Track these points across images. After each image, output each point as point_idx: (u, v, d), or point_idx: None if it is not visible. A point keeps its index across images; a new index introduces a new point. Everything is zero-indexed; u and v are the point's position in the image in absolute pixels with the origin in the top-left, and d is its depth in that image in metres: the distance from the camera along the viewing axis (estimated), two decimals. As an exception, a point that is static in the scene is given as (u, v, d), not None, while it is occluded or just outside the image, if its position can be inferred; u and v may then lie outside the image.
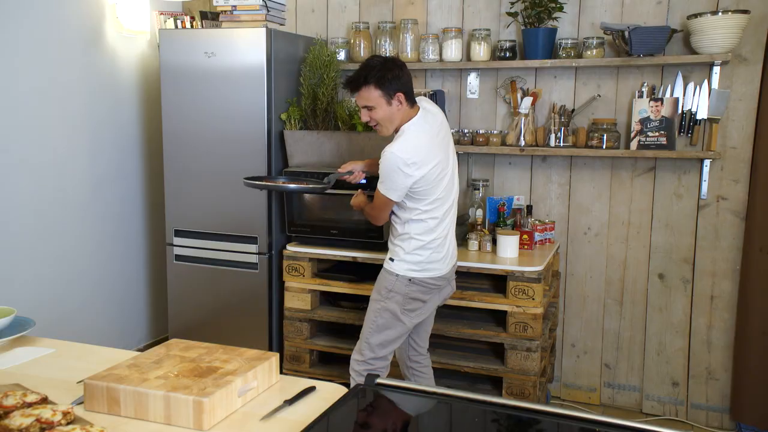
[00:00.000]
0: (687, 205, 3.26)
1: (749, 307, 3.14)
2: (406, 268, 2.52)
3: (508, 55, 3.36)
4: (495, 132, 3.43)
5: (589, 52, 3.20)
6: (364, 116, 2.44)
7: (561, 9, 3.23)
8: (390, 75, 2.36)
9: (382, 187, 2.43)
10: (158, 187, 3.78)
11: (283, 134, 3.34)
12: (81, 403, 1.48)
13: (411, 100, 2.45)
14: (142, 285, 3.89)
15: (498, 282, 3.03)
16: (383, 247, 3.07)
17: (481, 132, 3.44)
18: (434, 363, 3.03)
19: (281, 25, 3.46)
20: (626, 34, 3.07)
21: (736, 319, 3.22)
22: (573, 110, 3.36)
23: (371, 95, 2.37)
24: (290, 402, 1.51)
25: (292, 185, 2.81)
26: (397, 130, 2.46)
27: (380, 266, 3.05)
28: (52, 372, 1.69)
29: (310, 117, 3.40)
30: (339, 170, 2.65)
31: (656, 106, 3.13)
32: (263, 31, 3.18)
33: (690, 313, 3.32)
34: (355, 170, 2.64)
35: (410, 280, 2.52)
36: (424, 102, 2.55)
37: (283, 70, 3.35)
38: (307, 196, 3.29)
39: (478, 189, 3.41)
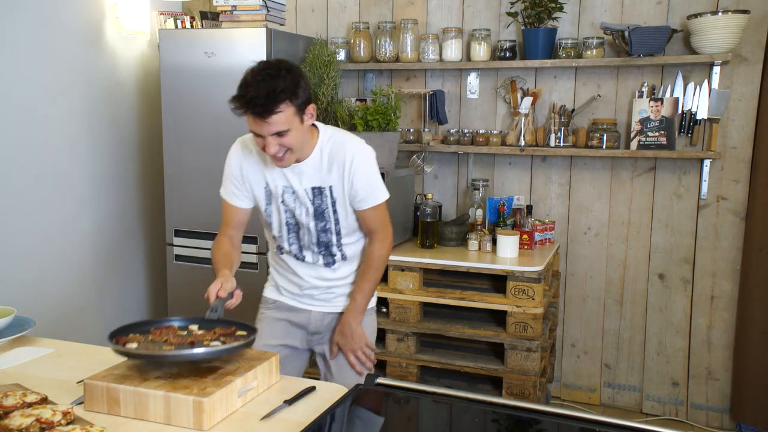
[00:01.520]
0: (687, 205, 3.26)
1: (749, 307, 3.14)
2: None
3: (508, 55, 3.36)
4: (495, 132, 3.43)
5: (589, 52, 3.20)
6: (273, 147, 1.78)
7: (561, 9, 3.23)
8: (303, 83, 1.79)
9: (381, 191, 1.99)
10: (158, 187, 3.78)
11: (283, 134, 3.34)
12: (81, 403, 1.48)
13: None
14: (142, 285, 3.89)
15: (498, 282, 3.03)
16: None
17: (481, 132, 3.44)
18: (434, 363, 3.03)
19: (281, 25, 3.46)
20: (626, 34, 3.07)
21: (736, 319, 3.22)
22: (573, 110, 3.36)
23: (286, 116, 1.75)
24: (290, 402, 1.51)
25: (185, 352, 1.50)
26: (297, 161, 1.90)
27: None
28: (52, 372, 1.69)
29: (310, 117, 3.40)
30: (218, 295, 1.82)
31: (656, 106, 3.13)
32: (263, 31, 3.18)
33: (690, 313, 3.32)
34: (231, 289, 1.88)
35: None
36: None
37: (283, 70, 3.34)
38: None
39: (478, 189, 3.41)
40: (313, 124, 1.94)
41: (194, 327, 1.72)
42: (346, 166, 1.92)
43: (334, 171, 1.93)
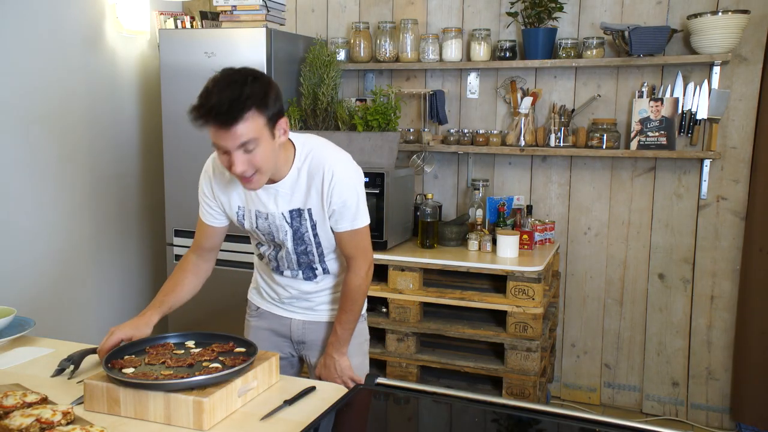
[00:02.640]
0: (687, 205, 3.26)
1: (749, 307, 3.14)
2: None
3: (508, 55, 3.36)
4: (495, 132, 3.43)
5: (589, 52, 3.20)
6: (240, 165, 1.60)
7: (561, 9, 3.23)
8: (272, 93, 1.60)
9: (360, 215, 1.81)
10: (158, 187, 3.78)
11: (283, 134, 3.34)
12: (81, 403, 1.48)
13: None
14: (142, 285, 3.89)
15: (498, 282, 3.03)
16: (383, 246, 3.07)
17: (481, 132, 3.44)
18: (434, 363, 3.03)
19: (281, 25, 3.46)
20: (626, 34, 3.07)
21: (736, 319, 3.22)
22: (573, 110, 3.36)
23: (253, 126, 1.56)
24: (290, 402, 1.51)
25: (184, 381, 1.41)
26: (273, 181, 1.76)
27: (383, 266, 3.06)
28: (52, 372, 1.69)
29: (310, 117, 3.40)
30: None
31: (656, 106, 3.13)
32: (263, 31, 3.18)
33: (690, 313, 3.32)
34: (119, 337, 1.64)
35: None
36: None
37: (283, 70, 3.35)
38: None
39: (478, 189, 3.41)
40: (290, 140, 1.76)
41: (191, 343, 1.67)
42: (324, 184, 1.74)
43: (312, 191, 1.76)
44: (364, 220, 1.82)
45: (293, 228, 1.81)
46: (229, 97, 1.53)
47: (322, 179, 1.74)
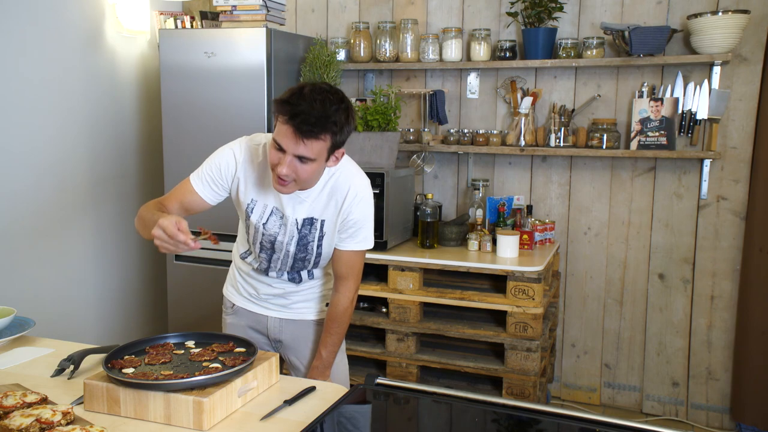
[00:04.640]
0: (687, 205, 3.26)
1: (749, 307, 3.14)
2: None
3: (508, 55, 3.36)
4: (495, 132, 3.43)
5: (589, 52, 3.20)
6: (286, 168, 1.62)
7: (561, 9, 3.23)
8: (349, 128, 1.67)
9: (369, 236, 1.89)
10: (158, 186, 3.78)
11: (283, 134, 3.33)
12: (81, 403, 1.48)
13: None
14: (142, 285, 3.89)
15: (498, 282, 3.03)
16: (383, 246, 3.07)
17: (481, 132, 3.44)
18: (434, 363, 3.03)
19: (281, 25, 3.46)
20: (626, 34, 3.07)
21: (736, 319, 3.22)
22: (573, 110, 3.36)
23: (321, 147, 1.62)
24: (290, 402, 1.51)
25: (184, 381, 1.41)
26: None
27: (383, 266, 3.06)
28: (52, 372, 1.69)
29: (310, 117, 3.40)
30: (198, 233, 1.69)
31: (656, 106, 3.13)
32: (263, 31, 3.18)
33: (690, 313, 3.32)
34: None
35: None
36: None
37: (283, 70, 3.35)
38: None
39: (478, 189, 3.42)
40: None
41: (191, 343, 1.68)
42: (346, 201, 1.80)
43: (331, 205, 1.81)
44: (369, 241, 1.89)
45: (301, 234, 1.84)
46: (320, 112, 1.57)
47: (345, 196, 1.80)
